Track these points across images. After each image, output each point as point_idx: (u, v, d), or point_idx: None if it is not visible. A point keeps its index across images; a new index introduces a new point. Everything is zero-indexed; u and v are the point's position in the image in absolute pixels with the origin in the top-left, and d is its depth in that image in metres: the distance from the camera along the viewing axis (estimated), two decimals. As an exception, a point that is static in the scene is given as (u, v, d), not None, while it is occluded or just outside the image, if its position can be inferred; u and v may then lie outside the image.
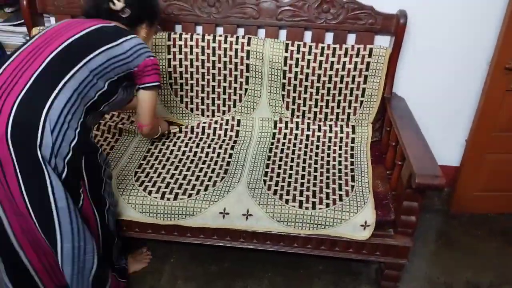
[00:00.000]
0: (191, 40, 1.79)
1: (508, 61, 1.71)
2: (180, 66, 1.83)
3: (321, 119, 1.87)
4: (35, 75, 1.17)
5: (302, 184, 1.59)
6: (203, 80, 1.85)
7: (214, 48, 1.78)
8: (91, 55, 1.24)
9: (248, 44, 1.77)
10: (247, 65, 1.79)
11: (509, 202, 2.07)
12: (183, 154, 1.74)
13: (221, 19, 1.83)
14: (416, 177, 1.29)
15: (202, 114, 1.91)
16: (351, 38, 1.83)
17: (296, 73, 1.78)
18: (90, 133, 1.32)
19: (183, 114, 1.92)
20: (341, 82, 1.78)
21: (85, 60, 1.23)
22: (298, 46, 1.77)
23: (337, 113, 1.85)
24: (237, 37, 1.78)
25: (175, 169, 1.65)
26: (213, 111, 1.90)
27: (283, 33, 1.86)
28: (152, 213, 1.52)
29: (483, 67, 1.86)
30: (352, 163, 1.71)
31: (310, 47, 1.76)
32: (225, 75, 1.83)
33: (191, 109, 1.91)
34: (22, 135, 1.13)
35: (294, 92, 1.83)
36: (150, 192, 1.54)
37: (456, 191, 2.05)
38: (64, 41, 1.24)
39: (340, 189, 1.56)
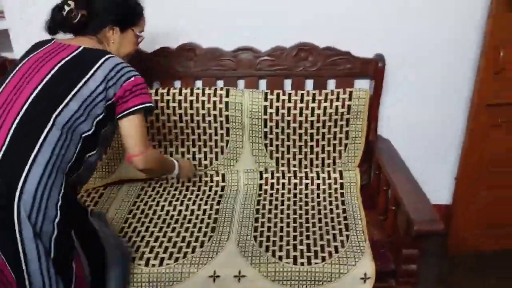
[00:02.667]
0: (168, 94, 1.75)
1: (489, 98, 1.73)
2: (157, 121, 1.78)
3: (307, 166, 1.82)
4: (9, 137, 1.02)
5: (294, 238, 1.50)
6: (182, 134, 1.80)
7: (191, 101, 1.74)
8: (59, 109, 1.06)
9: (227, 96, 1.74)
10: (227, 116, 1.75)
11: (505, 239, 2.03)
12: (166, 214, 1.65)
13: (200, 72, 1.81)
14: (415, 224, 1.24)
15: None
16: (332, 83, 1.82)
17: (277, 121, 1.75)
18: (75, 197, 1.17)
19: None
20: (324, 127, 1.76)
21: (53, 117, 1.05)
22: (278, 94, 1.75)
23: (322, 158, 1.81)
24: (215, 89, 1.75)
25: (159, 231, 1.55)
26: (195, 165, 1.83)
27: (263, 83, 1.84)
28: (136, 282, 1.40)
29: (465, 105, 1.87)
30: (344, 211, 1.65)
31: (290, 94, 1.74)
32: (204, 128, 1.78)
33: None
34: None
35: (277, 140, 1.79)
36: (133, 259, 1.43)
37: (450, 231, 2.00)
38: (27, 97, 1.06)
39: (335, 240, 1.49)
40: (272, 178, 1.81)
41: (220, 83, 1.84)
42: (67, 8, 1.17)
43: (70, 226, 1.09)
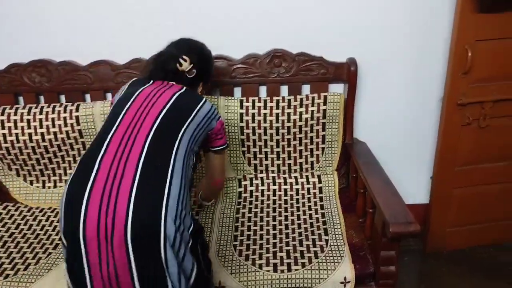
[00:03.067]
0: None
1: (460, 97, 1.76)
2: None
3: (285, 171, 1.83)
4: (140, 165, 1.05)
5: (274, 245, 1.50)
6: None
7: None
8: (182, 129, 1.18)
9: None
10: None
11: (482, 235, 2.06)
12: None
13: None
14: (390, 226, 1.24)
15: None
16: (306, 89, 1.83)
17: (253, 128, 1.75)
18: None
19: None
20: (300, 132, 1.77)
21: (179, 136, 1.16)
22: (253, 101, 1.75)
23: (300, 163, 1.82)
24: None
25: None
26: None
27: (238, 90, 1.84)
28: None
29: (437, 105, 1.90)
30: (323, 215, 1.66)
31: (265, 101, 1.75)
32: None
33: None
34: (144, 236, 1.01)
35: (254, 147, 1.79)
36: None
37: (429, 229, 2.02)
38: (154, 119, 1.16)
39: (314, 245, 1.49)
40: (251, 185, 1.81)
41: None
42: (184, 63, 1.33)
43: (197, 238, 1.17)
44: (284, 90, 1.84)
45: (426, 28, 1.79)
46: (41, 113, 1.72)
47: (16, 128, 1.71)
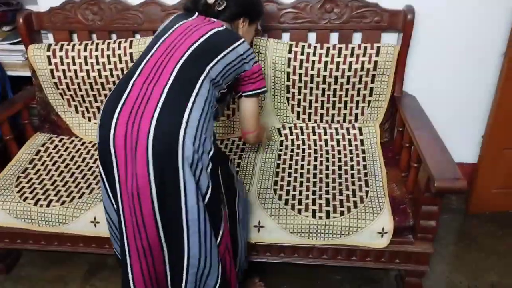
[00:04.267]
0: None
1: (524, 52, 1.64)
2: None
3: (328, 121, 1.81)
4: (167, 88, 1.14)
5: (314, 192, 1.52)
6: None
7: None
8: (211, 64, 1.21)
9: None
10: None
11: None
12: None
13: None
14: (436, 181, 1.22)
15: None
16: (357, 37, 1.76)
17: (300, 74, 1.72)
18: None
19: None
20: (348, 82, 1.72)
21: (207, 69, 1.19)
22: (303, 47, 1.71)
23: (344, 114, 1.79)
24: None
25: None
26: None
27: (286, 36, 1.80)
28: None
29: (496, 60, 1.78)
30: (364, 167, 1.65)
31: (315, 47, 1.70)
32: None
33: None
34: (164, 152, 1.09)
35: (299, 94, 1.77)
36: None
37: (474, 189, 1.97)
38: (186, 50, 1.21)
39: (354, 196, 1.50)
40: (291, 134, 1.81)
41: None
42: None
43: (218, 163, 1.22)
44: (334, 38, 1.79)
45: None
46: (96, 50, 1.76)
47: (74, 64, 1.77)
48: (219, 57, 1.21)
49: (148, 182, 1.10)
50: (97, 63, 1.76)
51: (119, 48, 1.76)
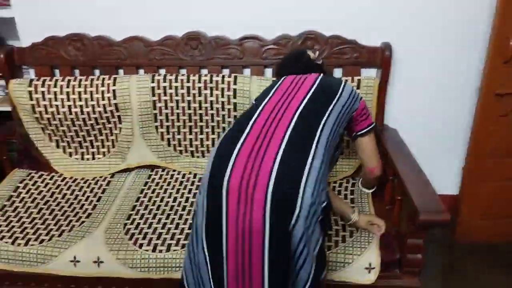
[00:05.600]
0: (176, 81, 1.74)
1: (498, 87, 1.70)
2: (166, 108, 1.77)
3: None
4: (285, 140, 1.11)
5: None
6: (190, 121, 1.79)
7: (199, 88, 1.73)
8: (330, 107, 1.22)
9: (235, 83, 1.73)
10: (235, 104, 1.74)
11: (510, 230, 2.01)
12: (174, 201, 1.66)
13: (205, 61, 1.80)
14: (420, 214, 1.23)
15: (192, 155, 1.85)
16: (338, 72, 1.81)
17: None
18: None
19: (172, 157, 1.86)
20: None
21: (325, 117, 1.20)
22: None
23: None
24: (223, 76, 1.74)
25: (167, 218, 1.57)
26: (202, 152, 1.84)
27: (268, 72, 1.83)
28: (144, 267, 1.42)
29: (473, 94, 1.85)
30: (352, 201, 1.65)
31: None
32: (212, 115, 1.77)
33: (180, 151, 1.85)
34: (282, 202, 1.05)
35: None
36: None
37: (458, 221, 1.99)
38: (299, 103, 1.22)
39: (344, 230, 1.49)
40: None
41: (225, 72, 1.83)
42: (313, 51, 1.51)
43: (327, 214, 1.19)
44: (316, 73, 1.82)
45: (465, 15, 1.73)
46: (79, 86, 1.75)
47: (56, 100, 1.75)
48: (334, 101, 1.25)
49: (262, 225, 1.05)
50: (80, 99, 1.74)
51: (102, 85, 1.75)
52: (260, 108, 1.23)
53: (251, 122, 1.18)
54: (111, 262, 1.42)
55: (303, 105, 1.21)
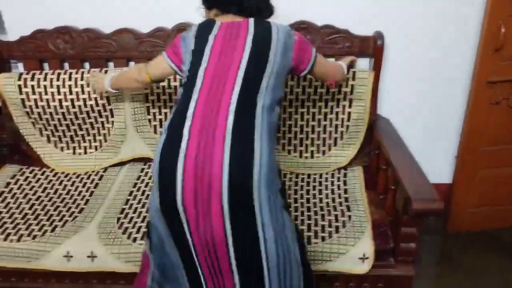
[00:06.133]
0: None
1: (490, 75, 1.70)
2: (158, 100, 1.76)
3: (308, 146, 1.81)
4: (230, 130, 1.09)
5: (295, 218, 1.51)
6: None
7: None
8: (266, 80, 1.17)
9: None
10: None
11: (504, 216, 2.03)
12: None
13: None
14: (413, 202, 1.23)
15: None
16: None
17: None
18: None
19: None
20: (326, 106, 1.74)
21: (263, 89, 1.16)
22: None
23: (324, 138, 1.80)
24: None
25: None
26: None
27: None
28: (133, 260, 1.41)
29: (465, 82, 1.85)
30: (345, 191, 1.65)
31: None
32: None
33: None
34: (238, 204, 1.09)
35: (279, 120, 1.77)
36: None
37: (451, 209, 2.00)
38: (236, 74, 1.16)
39: (336, 220, 1.49)
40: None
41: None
42: None
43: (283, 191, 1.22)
44: (308, 63, 1.81)
45: (458, 3, 1.72)
46: (70, 79, 1.72)
47: (46, 93, 1.72)
48: (270, 58, 1.18)
49: (222, 217, 1.09)
50: (70, 93, 1.72)
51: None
52: (200, 82, 1.16)
53: (191, 109, 1.13)
54: (105, 257, 1.42)
55: (240, 77, 1.15)
